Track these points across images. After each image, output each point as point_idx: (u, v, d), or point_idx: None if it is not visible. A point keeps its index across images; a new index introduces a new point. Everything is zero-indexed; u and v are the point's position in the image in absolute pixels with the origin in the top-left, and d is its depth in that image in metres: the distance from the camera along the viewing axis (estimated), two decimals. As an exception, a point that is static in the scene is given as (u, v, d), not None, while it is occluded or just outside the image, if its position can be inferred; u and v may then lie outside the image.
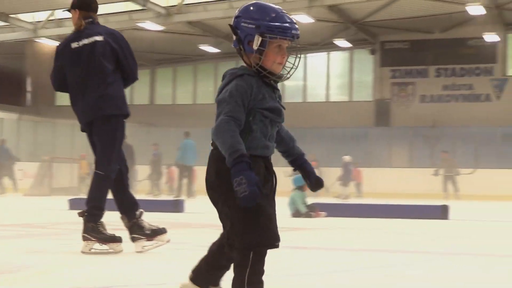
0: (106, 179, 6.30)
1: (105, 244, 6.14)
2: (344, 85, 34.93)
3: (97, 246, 6.14)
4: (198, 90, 37.57)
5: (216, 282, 3.48)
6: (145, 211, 13.45)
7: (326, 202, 15.35)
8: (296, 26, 3.26)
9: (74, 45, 6.40)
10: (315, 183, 3.40)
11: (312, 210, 12.90)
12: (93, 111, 6.29)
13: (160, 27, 28.96)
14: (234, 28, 3.27)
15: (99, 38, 6.39)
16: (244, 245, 3.14)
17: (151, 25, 28.49)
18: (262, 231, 3.13)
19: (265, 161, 3.27)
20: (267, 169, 3.26)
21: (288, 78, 3.32)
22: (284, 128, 3.44)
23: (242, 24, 3.25)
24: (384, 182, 27.81)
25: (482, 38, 30.30)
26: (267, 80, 3.24)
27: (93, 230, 6.13)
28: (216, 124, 3.12)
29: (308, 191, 13.60)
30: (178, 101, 37.98)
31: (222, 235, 3.32)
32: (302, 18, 27.21)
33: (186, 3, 28.30)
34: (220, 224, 3.31)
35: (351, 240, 8.42)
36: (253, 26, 3.22)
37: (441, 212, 12.31)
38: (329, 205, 13.92)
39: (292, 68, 3.30)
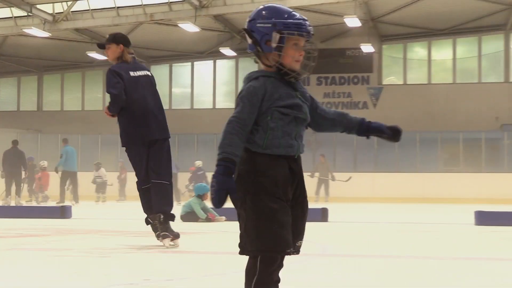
0: (171, 186, 7.54)
1: (173, 240, 7.21)
2: (230, 92, 35.03)
3: (170, 242, 7.17)
4: (87, 97, 36.83)
5: None
6: (32, 217, 13.11)
7: (226, 207, 15.31)
8: (309, 23, 3.19)
9: (132, 73, 7.50)
10: (393, 133, 3.32)
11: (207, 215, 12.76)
12: (163, 132, 7.50)
13: (46, 34, 28.15)
14: (249, 31, 3.19)
15: (149, 73, 7.73)
16: (254, 250, 3.06)
17: (37, 32, 27.63)
18: (272, 237, 3.03)
19: (290, 161, 3.17)
20: (292, 170, 3.16)
21: (308, 75, 3.26)
22: (329, 109, 3.35)
23: (258, 25, 3.17)
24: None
25: (359, 48, 31.04)
26: (287, 78, 3.16)
27: (169, 229, 7.25)
28: (225, 124, 3.07)
29: (207, 200, 13.31)
30: (66, 108, 37.12)
31: None
32: (188, 27, 27.17)
33: (73, 10, 27.70)
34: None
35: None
36: (270, 25, 3.14)
37: (321, 215, 12.50)
38: (229, 210, 13.79)
39: (307, 65, 3.22)
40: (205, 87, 35.40)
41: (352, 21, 26.03)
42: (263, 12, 3.20)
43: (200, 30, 27.98)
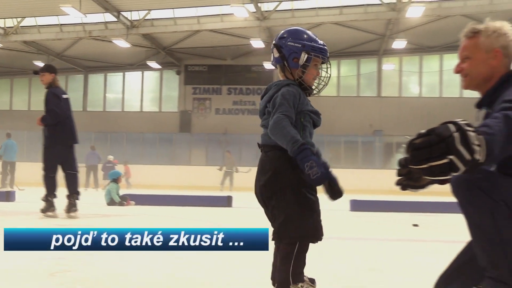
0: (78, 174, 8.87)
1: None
2: (155, 98, 34.64)
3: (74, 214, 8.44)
4: (33, 99, 35.70)
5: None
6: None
7: (135, 193, 15.14)
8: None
9: (63, 95, 8.73)
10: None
11: (124, 200, 12.66)
12: (77, 139, 8.82)
13: (-2, 44, 27.19)
14: (279, 46, 3.09)
15: (68, 96, 8.87)
16: (298, 236, 2.87)
17: (-10, 42, 26.66)
18: (314, 225, 2.90)
19: None
20: None
21: (318, 93, 3.16)
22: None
23: (289, 43, 3.06)
24: (185, 177, 27.89)
25: (263, 65, 31.25)
26: (305, 92, 3.07)
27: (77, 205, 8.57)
28: (273, 121, 2.87)
29: (121, 183, 13.33)
30: (15, 107, 35.91)
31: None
32: (121, 43, 26.72)
33: (22, 25, 26.84)
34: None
35: (151, 225, 8.30)
36: (299, 45, 3.05)
37: (226, 201, 12.55)
38: (137, 196, 13.69)
39: (320, 84, 3.14)
40: (134, 94, 34.86)
41: (257, 43, 26.17)
42: (295, 33, 3.11)
43: (130, 46, 27.59)
